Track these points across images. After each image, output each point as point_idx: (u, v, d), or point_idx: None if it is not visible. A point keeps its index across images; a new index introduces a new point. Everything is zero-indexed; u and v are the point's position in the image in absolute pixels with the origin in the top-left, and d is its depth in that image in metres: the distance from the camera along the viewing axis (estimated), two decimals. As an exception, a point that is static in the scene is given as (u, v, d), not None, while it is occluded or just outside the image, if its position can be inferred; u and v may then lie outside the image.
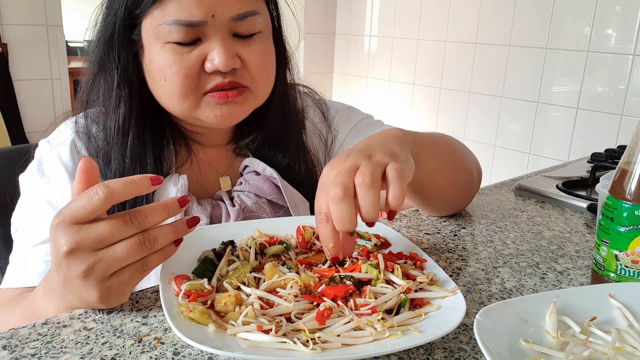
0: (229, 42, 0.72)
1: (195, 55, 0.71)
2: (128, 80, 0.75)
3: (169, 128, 0.82)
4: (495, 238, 0.81)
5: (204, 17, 0.69)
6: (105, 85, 0.76)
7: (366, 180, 0.55)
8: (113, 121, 0.76)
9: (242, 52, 0.73)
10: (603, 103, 2.13)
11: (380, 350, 0.46)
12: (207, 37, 0.71)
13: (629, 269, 0.59)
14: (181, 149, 0.83)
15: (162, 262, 0.55)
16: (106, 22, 0.74)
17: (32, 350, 0.50)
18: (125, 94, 0.75)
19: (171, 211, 0.54)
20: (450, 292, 0.55)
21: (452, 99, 2.68)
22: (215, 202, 0.82)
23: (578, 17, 2.15)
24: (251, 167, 0.84)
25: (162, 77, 0.72)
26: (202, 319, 0.49)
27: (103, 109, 0.77)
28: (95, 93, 0.78)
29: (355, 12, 3.12)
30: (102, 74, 0.76)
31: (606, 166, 1.12)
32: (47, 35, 2.28)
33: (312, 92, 0.96)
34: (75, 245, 0.51)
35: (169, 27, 0.69)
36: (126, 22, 0.72)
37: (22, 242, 0.76)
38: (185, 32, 0.69)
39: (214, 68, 0.71)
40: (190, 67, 0.71)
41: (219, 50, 0.70)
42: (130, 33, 0.73)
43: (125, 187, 0.51)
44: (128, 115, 0.75)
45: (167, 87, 0.73)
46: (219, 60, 0.70)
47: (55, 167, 0.77)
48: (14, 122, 2.24)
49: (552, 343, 0.49)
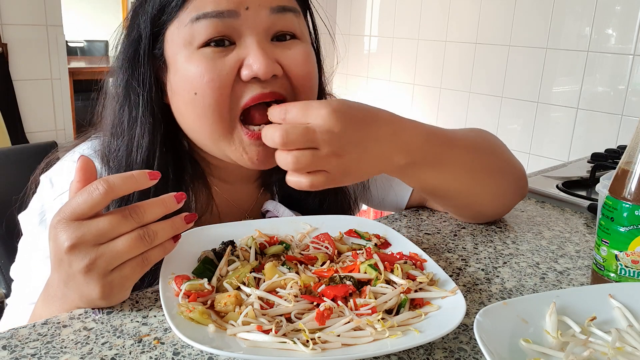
0: (267, 44, 0.64)
1: (230, 61, 0.62)
2: (151, 107, 0.67)
3: (189, 167, 0.72)
4: (495, 238, 0.81)
5: (235, 6, 0.61)
6: (129, 114, 0.68)
7: (289, 165, 0.56)
8: (137, 154, 0.67)
9: (282, 57, 0.64)
10: (603, 103, 2.13)
11: (380, 350, 0.46)
12: (242, 38, 0.63)
13: (629, 269, 0.59)
14: (200, 193, 0.74)
15: (162, 257, 0.56)
16: (129, 39, 0.68)
17: (32, 350, 0.50)
18: (149, 123, 0.67)
19: (168, 206, 0.54)
20: (450, 292, 0.55)
21: (452, 99, 2.68)
22: None
23: (578, 17, 2.15)
24: (273, 212, 0.77)
25: (191, 91, 0.63)
26: (202, 319, 0.50)
27: (121, 142, 0.69)
28: (119, 122, 0.69)
29: (355, 12, 3.12)
30: (126, 100, 0.68)
31: (606, 166, 1.12)
32: (47, 35, 2.28)
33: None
34: (77, 241, 0.51)
35: (197, 25, 0.62)
36: (151, 33, 0.65)
37: (19, 297, 0.72)
38: (215, 26, 0.61)
39: (253, 74, 0.62)
40: (225, 74, 0.62)
41: (257, 53, 0.61)
42: (153, 47, 0.66)
43: (124, 182, 0.52)
44: (152, 149, 0.68)
45: (198, 104, 0.63)
46: (258, 65, 0.61)
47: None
48: (14, 122, 2.24)
49: (552, 343, 0.48)
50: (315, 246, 0.65)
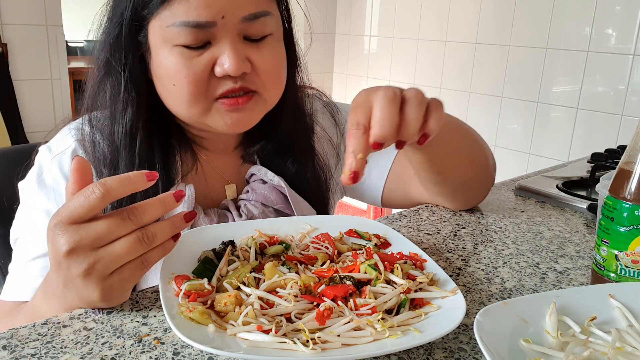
0: (239, 45, 0.70)
1: (204, 60, 0.69)
2: (135, 83, 0.73)
3: (176, 133, 0.80)
4: (495, 238, 0.81)
5: (214, 17, 0.67)
6: (112, 89, 0.74)
7: (418, 96, 0.57)
8: (120, 126, 0.74)
9: (252, 55, 0.71)
10: (603, 103, 2.13)
11: (380, 350, 0.46)
12: (217, 39, 0.69)
13: (629, 269, 0.59)
14: (187, 157, 0.81)
15: (162, 257, 0.55)
16: (112, 23, 0.72)
17: (32, 350, 0.50)
18: (132, 97, 0.73)
19: (167, 205, 0.53)
20: (450, 292, 0.55)
21: (452, 99, 2.67)
22: (221, 211, 0.81)
23: (578, 17, 2.15)
24: (258, 176, 0.83)
25: (170, 81, 0.70)
26: (202, 319, 0.50)
27: (108, 113, 0.75)
28: (101, 97, 0.75)
29: (355, 12, 3.12)
30: (109, 77, 0.74)
31: (606, 166, 1.12)
32: (47, 35, 2.27)
33: (321, 94, 0.94)
34: (74, 245, 0.50)
35: (177, 29, 0.67)
36: (133, 23, 0.70)
37: (20, 255, 0.75)
38: (194, 34, 0.67)
39: (224, 72, 0.69)
40: (199, 72, 0.69)
41: (229, 54, 0.68)
42: (136, 34, 0.71)
43: (121, 184, 0.51)
44: (135, 120, 0.73)
45: (176, 92, 0.71)
46: (229, 64, 0.68)
47: (55, 177, 0.75)
48: (14, 122, 2.24)
49: (552, 343, 0.49)
50: (315, 246, 0.65)
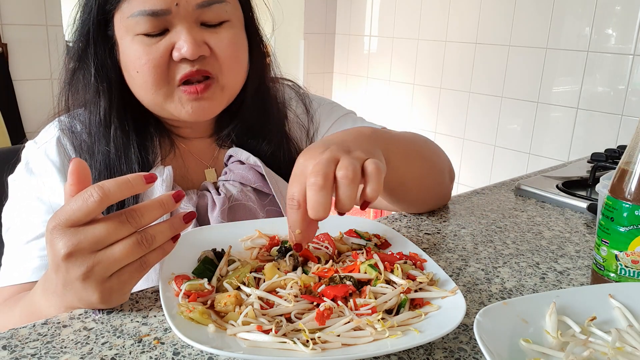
0: (195, 30, 0.73)
1: (163, 46, 0.72)
2: (106, 74, 0.77)
3: (152, 122, 0.83)
4: (495, 238, 0.81)
5: (168, 5, 0.71)
6: (84, 80, 0.78)
7: (349, 175, 0.55)
8: (95, 115, 0.78)
9: (210, 40, 0.74)
10: (603, 103, 2.13)
11: (380, 350, 0.46)
12: (174, 26, 0.72)
13: (629, 269, 0.59)
14: (165, 141, 0.84)
15: (161, 259, 0.55)
16: (82, 19, 0.76)
17: (32, 350, 0.50)
18: (104, 87, 0.77)
19: (166, 207, 0.53)
20: (450, 292, 0.55)
21: (452, 99, 2.67)
22: (201, 192, 0.82)
23: (578, 17, 2.15)
24: (235, 157, 0.85)
25: (133, 69, 0.74)
26: (202, 319, 0.49)
27: (84, 104, 0.79)
28: (74, 89, 0.80)
29: (355, 12, 3.12)
30: (81, 70, 0.78)
31: (606, 166, 1.12)
32: (47, 35, 2.27)
33: (296, 86, 0.97)
34: (73, 248, 0.50)
35: (136, 19, 0.71)
36: (100, 17, 0.74)
37: (14, 240, 0.76)
38: (152, 22, 0.71)
39: (181, 56, 0.72)
40: (158, 57, 0.72)
41: (186, 39, 0.71)
42: (105, 29, 0.76)
43: (119, 187, 0.51)
44: (108, 108, 0.77)
45: (139, 79, 0.74)
46: (186, 48, 0.71)
47: (43, 164, 0.79)
48: (14, 122, 2.23)
49: (552, 343, 0.49)
50: (315, 246, 0.65)
